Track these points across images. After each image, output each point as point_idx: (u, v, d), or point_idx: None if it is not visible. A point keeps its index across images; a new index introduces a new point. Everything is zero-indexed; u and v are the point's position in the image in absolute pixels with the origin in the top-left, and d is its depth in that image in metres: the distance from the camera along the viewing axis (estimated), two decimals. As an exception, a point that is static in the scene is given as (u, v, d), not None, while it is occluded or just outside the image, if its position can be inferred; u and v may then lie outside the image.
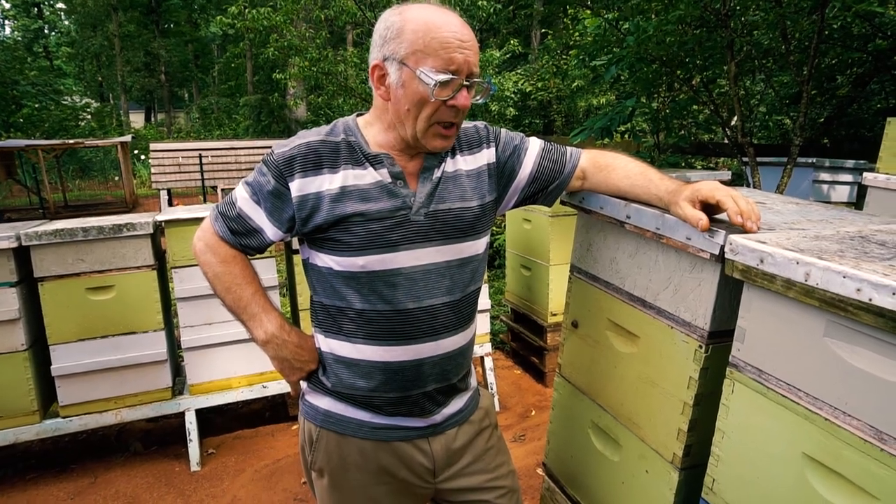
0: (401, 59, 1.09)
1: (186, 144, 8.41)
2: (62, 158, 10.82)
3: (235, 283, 1.23)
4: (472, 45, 1.10)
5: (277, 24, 6.96)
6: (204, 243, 1.25)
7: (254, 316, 1.24)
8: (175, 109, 24.76)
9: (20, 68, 15.76)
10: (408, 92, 1.10)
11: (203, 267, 1.26)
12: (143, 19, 21.47)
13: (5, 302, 2.43)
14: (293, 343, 1.24)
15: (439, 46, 1.06)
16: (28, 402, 2.52)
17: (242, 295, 1.23)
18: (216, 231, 1.23)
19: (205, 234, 1.25)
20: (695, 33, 3.89)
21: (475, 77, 1.12)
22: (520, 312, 3.77)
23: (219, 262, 1.23)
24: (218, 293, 1.26)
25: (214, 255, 1.23)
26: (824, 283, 0.89)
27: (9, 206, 9.85)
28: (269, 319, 1.24)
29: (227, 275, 1.23)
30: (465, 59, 1.08)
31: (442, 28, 1.07)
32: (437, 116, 1.11)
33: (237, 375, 2.83)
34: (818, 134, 5.97)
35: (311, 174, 1.13)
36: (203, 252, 1.25)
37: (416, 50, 1.07)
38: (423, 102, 1.09)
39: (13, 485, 2.66)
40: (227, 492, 2.58)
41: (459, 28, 1.09)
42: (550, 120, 11.84)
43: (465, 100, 1.11)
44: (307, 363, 1.26)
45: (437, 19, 1.08)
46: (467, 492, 1.32)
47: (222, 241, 1.23)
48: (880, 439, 0.85)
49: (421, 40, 1.07)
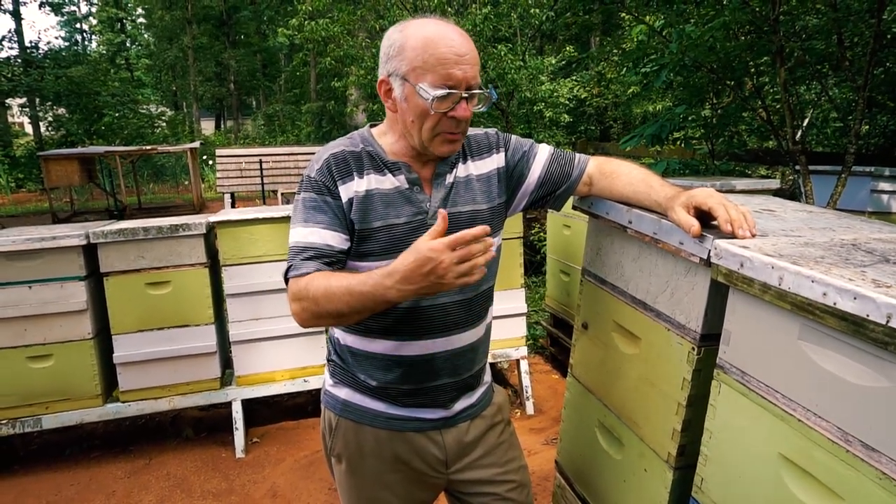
0: (402, 75, 1.17)
1: (248, 150, 8.79)
2: (137, 164, 11.54)
3: (328, 287, 1.11)
4: (470, 58, 1.17)
5: (335, 34, 7.21)
6: (293, 301, 1.16)
7: (365, 294, 1.08)
8: (243, 117, 25.83)
9: (103, 80, 16.85)
10: (411, 105, 1.18)
11: (309, 315, 1.14)
12: (215, 31, 22.56)
13: (75, 294, 2.67)
14: (400, 274, 1.04)
15: (437, 63, 1.14)
16: (92, 387, 2.76)
17: (340, 288, 1.10)
18: (293, 278, 1.17)
19: (289, 295, 1.17)
20: (744, 39, 3.82)
21: (474, 89, 1.19)
22: (559, 317, 3.79)
23: (306, 294, 1.13)
24: (338, 312, 1.12)
25: (302, 297, 1.13)
26: (795, 287, 0.92)
27: (88, 209, 10.57)
28: (374, 279, 1.07)
29: (318, 292, 1.11)
30: (463, 74, 1.15)
31: (439, 44, 1.14)
32: (439, 127, 1.19)
33: (280, 369, 2.99)
34: (890, 144, 5.68)
35: (348, 179, 1.23)
36: (300, 308, 1.15)
37: (415, 67, 1.15)
38: (425, 115, 1.17)
39: (78, 462, 2.90)
40: (267, 478, 2.74)
41: (458, 42, 1.16)
42: (607, 126, 11.70)
43: (464, 111, 1.18)
44: (432, 270, 1.02)
45: (435, 35, 1.16)
46: (478, 484, 1.38)
47: (299, 280, 1.15)
48: (846, 441, 0.87)
49: (419, 57, 1.15)
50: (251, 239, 2.82)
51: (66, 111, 16.36)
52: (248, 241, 2.82)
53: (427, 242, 1.02)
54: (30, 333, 2.65)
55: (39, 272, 2.62)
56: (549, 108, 8.06)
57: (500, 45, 6.73)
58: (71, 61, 17.01)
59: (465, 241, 1.01)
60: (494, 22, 6.65)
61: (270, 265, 2.84)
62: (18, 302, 2.61)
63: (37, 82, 15.18)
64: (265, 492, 2.64)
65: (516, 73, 6.68)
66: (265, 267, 2.84)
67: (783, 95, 3.60)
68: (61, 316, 2.67)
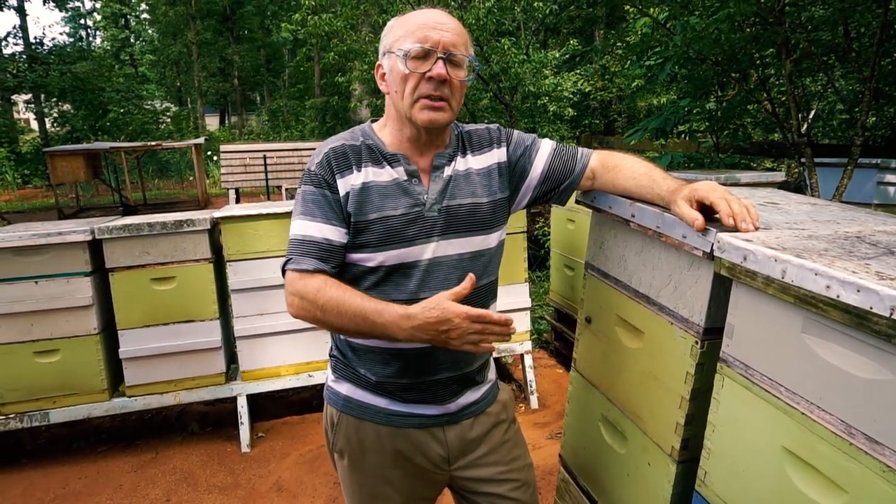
0: (388, 49, 1.22)
1: (253, 146, 8.81)
2: (142, 159, 11.57)
3: (340, 302, 1.14)
4: (451, 27, 1.20)
5: (338, 29, 7.21)
6: (293, 296, 1.19)
7: (377, 324, 1.12)
8: (247, 112, 25.86)
9: (108, 76, 16.89)
10: (393, 74, 1.22)
11: (309, 317, 1.18)
12: (219, 27, 22.57)
13: (80, 289, 2.68)
14: (419, 322, 1.09)
15: (415, 28, 1.18)
16: (99, 382, 2.77)
17: (353, 307, 1.13)
18: (293, 271, 1.20)
19: (288, 288, 1.20)
20: (750, 30, 3.79)
21: (455, 54, 1.20)
22: (563, 312, 3.79)
23: (313, 300, 1.16)
24: (340, 327, 1.17)
25: (306, 298, 1.16)
26: (798, 280, 0.91)
27: (94, 204, 10.61)
28: (390, 315, 1.12)
29: (329, 304, 1.14)
30: (440, 37, 1.18)
31: (421, 15, 1.20)
32: (419, 91, 1.20)
33: (285, 364, 3.00)
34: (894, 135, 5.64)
35: (346, 173, 1.23)
36: (300, 305, 1.18)
37: (398, 37, 1.20)
38: (405, 79, 1.20)
39: (85, 456, 2.93)
40: (273, 473, 2.75)
41: (441, 16, 1.21)
42: (611, 120, 11.66)
43: (440, 69, 1.18)
44: (448, 330, 1.08)
45: (422, 11, 1.22)
46: (481, 482, 1.37)
47: (302, 275, 1.18)
48: (849, 434, 0.87)
49: (402, 28, 1.20)
50: (255, 234, 2.82)
51: (72, 107, 16.43)
52: (252, 236, 2.82)
53: (454, 305, 1.08)
54: (36, 328, 2.67)
55: (45, 268, 2.64)
56: (552, 101, 8.02)
57: (503, 39, 6.71)
58: (76, 57, 17.05)
59: (488, 320, 1.08)
60: (498, 16, 6.62)
61: (275, 260, 2.85)
62: (25, 297, 2.63)
63: (42, 78, 15.23)
64: (270, 486, 2.65)
65: (520, 67, 6.65)
66: (269, 262, 2.85)
67: (789, 87, 3.58)
68: (67, 311, 2.69)
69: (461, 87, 1.24)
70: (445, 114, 1.22)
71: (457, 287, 1.12)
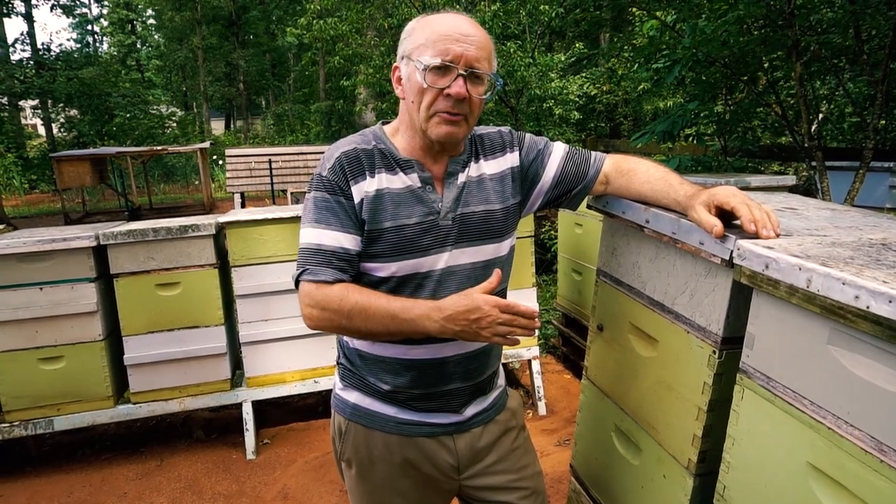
0: (407, 54, 1.17)
1: (258, 150, 8.80)
2: (148, 164, 11.59)
3: (366, 307, 1.12)
4: (475, 40, 1.15)
5: (343, 33, 7.20)
6: (312, 308, 1.15)
7: (406, 321, 1.12)
8: (253, 116, 25.91)
9: (114, 81, 16.95)
10: (411, 83, 1.17)
11: (331, 326, 1.15)
12: (225, 32, 22.62)
13: (85, 295, 2.67)
14: (449, 312, 1.09)
15: (437, 38, 1.13)
16: (104, 388, 2.75)
17: (380, 310, 1.12)
18: (310, 282, 1.16)
19: (305, 299, 1.16)
20: (759, 33, 3.75)
21: (477, 71, 1.15)
22: (570, 317, 3.75)
23: (338, 308, 1.13)
24: (368, 331, 1.14)
25: (329, 308, 1.13)
26: (825, 289, 0.88)
27: (100, 209, 10.63)
28: (420, 309, 1.11)
29: (354, 310, 1.12)
30: (463, 51, 1.13)
31: (445, 23, 1.15)
32: (435, 106, 1.16)
33: (291, 370, 2.97)
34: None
35: (360, 179, 1.20)
36: (321, 317, 1.15)
37: (419, 45, 1.15)
38: (422, 92, 1.15)
39: (90, 463, 2.90)
40: (278, 480, 2.72)
41: (466, 26, 1.15)
42: (617, 123, 11.61)
43: (459, 88, 1.13)
44: (478, 319, 1.08)
45: (446, 18, 1.16)
46: (491, 490, 1.35)
47: (320, 286, 1.15)
48: (881, 451, 0.83)
49: (424, 35, 1.15)
50: (261, 239, 2.80)
51: (78, 112, 16.47)
52: (257, 241, 2.80)
53: (482, 294, 1.09)
54: (41, 335, 2.65)
55: (50, 274, 2.62)
56: (558, 105, 8.00)
57: (509, 43, 6.69)
58: (82, 63, 17.11)
59: (516, 311, 1.09)
60: (503, 19, 6.60)
61: (280, 266, 2.82)
62: (30, 304, 2.61)
63: (49, 84, 15.28)
64: (276, 494, 2.62)
65: (526, 71, 6.63)
66: (275, 267, 2.83)
67: (799, 90, 3.54)
68: (72, 317, 2.67)
69: (480, 104, 1.19)
70: (461, 128, 1.19)
71: (484, 283, 1.12)
